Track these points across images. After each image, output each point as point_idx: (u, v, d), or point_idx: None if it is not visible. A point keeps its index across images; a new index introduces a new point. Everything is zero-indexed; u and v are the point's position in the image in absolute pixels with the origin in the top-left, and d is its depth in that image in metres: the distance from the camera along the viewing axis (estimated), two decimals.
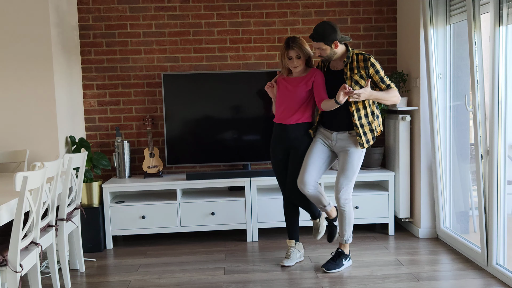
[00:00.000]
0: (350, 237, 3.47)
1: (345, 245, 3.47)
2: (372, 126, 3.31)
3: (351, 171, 3.32)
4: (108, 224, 4.08)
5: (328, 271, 3.37)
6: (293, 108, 3.41)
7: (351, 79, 3.23)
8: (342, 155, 3.34)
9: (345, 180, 3.33)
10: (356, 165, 3.32)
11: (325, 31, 3.17)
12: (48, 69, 3.68)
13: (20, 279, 2.41)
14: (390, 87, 3.28)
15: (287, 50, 3.33)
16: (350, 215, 3.42)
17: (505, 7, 2.96)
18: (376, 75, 3.24)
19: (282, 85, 3.47)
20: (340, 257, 3.44)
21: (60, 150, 3.77)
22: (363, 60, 3.23)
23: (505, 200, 3.14)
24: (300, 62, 3.35)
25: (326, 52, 3.22)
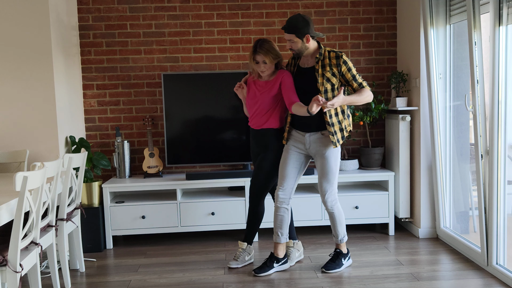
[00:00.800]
0: (345, 236, 3.45)
1: (341, 244, 3.46)
2: (342, 125, 3.27)
3: (331, 174, 3.28)
4: (108, 224, 4.08)
5: (327, 271, 3.36)
6: (260, 113, 3.37)
7: (322, 76, 3.18)
8: (319, 159, 3.29)
9: (327, 184, 3.29)
10: (335, 166, 3.29)
11: (298, 23, 3.13)
12: (48, 69, 3.68)
13: (20, 279, 2.41)
14: (362, 86, 3.23)
15: (254, 54, 3.28)
16: (340, 216, 3.39)
17: (505, 7, 2.96)
18: (348, 73, 3.20)
19: (251, 88, 3.42)
20: (339, 257, 3.43)
21: (60, 150, 3.77)
22: (335, 58, 3.18)
23: (505, 200, 3.14)
24: (267, 67, 3.29)
25: (297, 45, 3.17)
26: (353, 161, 4.40)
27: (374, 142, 4.63)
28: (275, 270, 3.41)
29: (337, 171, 3.32)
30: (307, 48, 3.20)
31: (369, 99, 3.25)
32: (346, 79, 3.21)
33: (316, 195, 4.18)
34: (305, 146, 3.32)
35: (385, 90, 4.61)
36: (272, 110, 3.37)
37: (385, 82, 4.61)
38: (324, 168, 3.29)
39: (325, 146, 3.26)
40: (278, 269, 3.42)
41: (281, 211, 3.36)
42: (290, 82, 3.29)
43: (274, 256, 3.41)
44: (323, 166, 3.28)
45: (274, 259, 3.41)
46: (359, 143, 4.65)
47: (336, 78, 3.19)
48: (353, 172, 4.32)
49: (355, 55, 4.56)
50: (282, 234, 3.39)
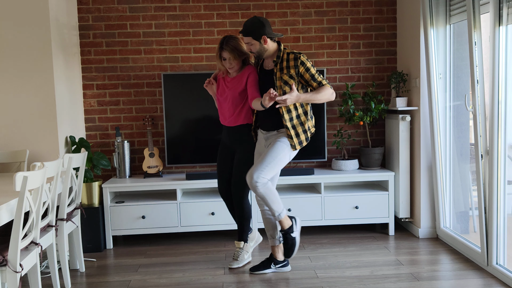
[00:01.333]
0: (283, 210, 3.21)
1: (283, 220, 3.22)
2: (305, 127, 3.24)
3: (270, 156, 3.14)
4: (108, 224, 4.08)
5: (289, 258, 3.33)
6: (230, 110, 3.37)
7: (280, 79, 3.16)
8: (270, 144, 3.25)
9: (260, 164, 3.12)
10: (279, 154, 3.15)
11: (253, 25, 3.13)
12: (48, 69, 3.68)
13: (20, 279, 2.41)
14: (322, 85, 3.19)
15: (220, 51, 3.27)
16: (268, 192, 3.14)
17: (505, 7, 2.96)
18: (306, 73, 3.16)
19: (221, 84, 3.42)
20: (288, 237, 3.27)
21: (60, 150, 3.76)
22: (293, 59, 3.16)
23: (505, 200, 3.14)
24: (235, 63, 3.29)
25: (256, 47, 3.17)
26: (353, 161, 4.40)
27: (374, 142, 4.63)
28: (272, 271, 3.41)
29: (278, 162, 3.15)
30: (267, 49, 3.18)
31: (329, 97, 3.19)
32: (305, 80, 3.18)
33: (317, 195, 4.18)
34: (266, 143, 3.32)
35: (385, 90, 4.62)
36: (243, 106, 3.36)
37: (385, 82, 4.61)
38: (267, 150, 3.19)
39: (278, 137, 3.23)
40: (275, 270, 3.42)
41: (266, 214, 3.36)
42: (255, 78, 3.29)
43: (273, 258, 3.42)
44: (269, 149, 3.19)
45: (273, 261, 3.41)
46: (359, 143, 4.65)
47: (294, 81, 3.15)
48: (353, 172, 4.32)
49: (355, 55, 4.57)
50: (274, 237, 3.39)
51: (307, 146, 4.35)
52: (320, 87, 3.18)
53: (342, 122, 4.60)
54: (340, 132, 4.43)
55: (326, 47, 4.55)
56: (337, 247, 3.94)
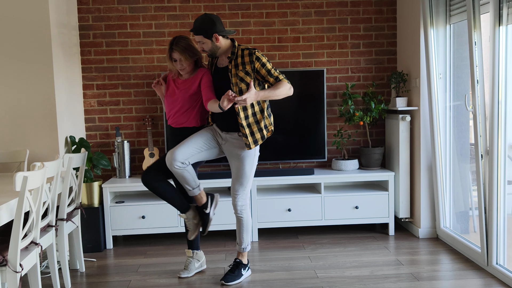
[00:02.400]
0: (248, 245, 3.33)
1: (243, 253, 3.33)
2: (261, 125, 3.14)
3: (245, 177, 3.18)
4: (108, 224, 4.08)
5: (227, 283, 3.20)
6: (179, 112, 3.26)
7: (236, 76, 3.06)
8: (234, 161, 3.19)
9: (240, 186, 3.19)
10: (249, 169, 3.18)
11: (203, 23, 3.02)
12: (48, 69, 3.67)
13: (20, 279, 2.41)
14: (279, 79, 3.08)
15: (170, 52, 3.17)
16: (247, 222, 3.28)
17: (505, 7, 2.96)
18: (262, 69, 3.06)
19: (171, 86, 3.30)
20: (239, 268, 3.29)
21: (60, 150, 3.76)
22: (248, 55, 3.06)
23: (505, 200, 3.14)
24: (186, 65, 3.18)
25: (208, 46, 3.06)
26: (353, 161, 4.40)
27: (374, 142, 4.63)
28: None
29: (251, 175, 3.21)
30: (219, 47, 3.08)
31: (287, 92, 3.09)
32: (261, 75, 3.07)
33: (317, 195, 4.19)
34: (221, 140, 3.21)
35: (385, 90, 4.62)
36: (192, 109, 3.25)
37: (385, 82, 4.61)
38: (238, 170, 3.18)
39: (241, 147, 3.15)
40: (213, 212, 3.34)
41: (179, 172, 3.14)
42: (209, 80, 3.19)
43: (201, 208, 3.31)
44: (238, 168, 3.18)
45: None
46: (359, 143, 4.65)
47: (250, 77, 3.05)
48: (353, 172, 4.32)
49: (355, 55, 4.56)
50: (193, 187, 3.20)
51: (307, 146, 4.37)
52: (277, 83, 3.07)
53: (342, 122, 4.60)
54: (340, 132, 4.43)
55: (326, 47, 4.55)
56: (337, 247, 3.94)
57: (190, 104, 3.25)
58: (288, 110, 4.35)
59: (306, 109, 4.33)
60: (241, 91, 3.06)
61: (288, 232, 4.43)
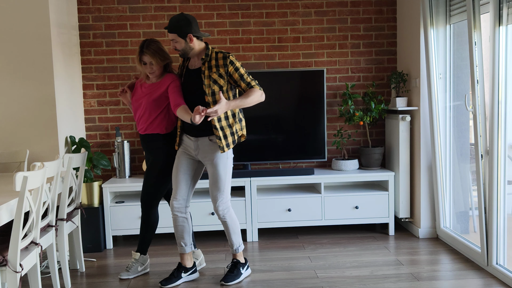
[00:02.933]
0: (240, 245, 3.30)
1: (238, 254, 3.31)
2: (233, 129, 3.14)
3: (220, 181, 3.14)
4: (108, 224, 4.08)
5: (226, 283, 3.20)
6: (145, 117, 3.22)
7: (209, 77, 3.05)
8: (209, 166, 3.16)
9: (218, 192, 3.16)
10: (224, 173, 3.15)
11: (179, 22, 3.01)
12: (48, 69, 3.67)
13: (20, 279, 2.41)
14: (251, 86, 3.06)
15: (140, 55, 3.15)
16: (233, 224, 3.24)
17: (505, 7, 2.96)
18: (235, 73, 3.06)
19: (137, 91, 3.28)
20: (237, 267, 3.28)
21: (60, 150, 3.76)
22: (222, 58, 3.06)
23: (505, 200, 3.14)
24: (156, 68, 3.17)
25: (181, 45, 3.04)
26: (353, 161, 4.40)
27: (374, 142, 4.63)
28: (183, 281, 3.29)
29: (228, 177, 3.18)
30: (192, 48, 3.06)
31: (258, 99, 3.08)
32: (234, 80, 3.07)
33: (317, 195, 4.19)
34: (194, 152, 3.18)
35: (385, 90, 4.62)
36: (157, 114, 3.21)
37: (385, 82, 4.61)
38: (214, 176, 3.15)
39: (214, 152, 3.12)
40: (186, 279, 3.30)
41: (179, 221, 3.24)
42: (178, 86, 3.17)
43: (182, 266, 3.30)
44: (213, 173, 3.15)
45: (182, 269, 3.29)
46: (359, 143, 4.65)
47: (224, 80, 3.06)
48: (353, 172, 4.32)
49: (355, 55, 4.57)
50: (186, 244, 3.28)
51: (307, 146, 4.37)
52: (249, 90, 3.06)
53: (342, 122, 4.60)
54: (340, 132, 4.43)
55: (326, 47, 4.55)
56: (337, 247, 3.95)
57: (155, 109, 3.20)
58: (288, 110, 4.35)
59: (306, 109, 4.33)
60: (214, 93, 3.06)
61: (288, 232, 4.43)
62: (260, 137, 4.34)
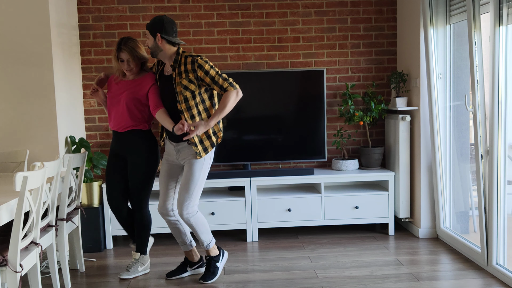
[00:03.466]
0: (211, 240, 3.27)
1: (210, 249, 3.29)
2: (210, 132, 3.11)
3: (192, 183, 3.10)
4: (108, 224, 4.08)
5: (205, 282, 3.23)
6: (124, 113, 3.21)
7: (180, 84, 3.03)
8: (186, 167, 3.15)
9: (186, 194, 3.10)
10: (198, 176, 3.11)
11: (154, 20, 3.04)
12: (48, 69, 3.67)
13: (20, 279, 2.40)
14: (224, 90, 3.01)
15: (118, 52, 3.16)
16: (198, 223, 3.18)
17: (505, 7, 2.96)
18: (206, 77, 3.01)
19: (113, 88, 3.27)
20: (212, 264, 3.29)
21: (60, 150, 3.76)
22: (190, 63, 3.02)
23: (505, 200, 3.14)
24: (133, 65, 3.18)
25: (150, 42, 3.04)
26: (353, 161, 4.40)
27: (374, 142, 4.63)
28: (189, 274, 3.40)
29: (200, 182, 3.13)
30: (161, 50, 3.04)
31: (235, 100, 3.03)
32: (206, 83, 3.04)
33: (317, 195, 4.19)
34: (176, 156, 3.20)
35: (385, 90, 4.62)
36: (139, 111, 3.21)
37: (385, 82, 4.61)
38: (187, 176, 3.12)
39: (192, 154, 3.12)
40: (192, 273, 3.41)
41: (171, 224, 3.29)
42: (157, 87, 3.18)
43: (188, 261, 3.41)
44: (187, 173, 3.12)
45: (188, 263, 3.40)
46: (359, 143, 4.65)
47: (195, 85, 3.03)
48: (353, 172, 4.32)
49: (355, 55, 4.57)
50: (185, 243, 3.34)
51: (307, 146, 4.37)
52: (223, 97, 3.02)
53: (342, 122, 4.60)
54: (340, 132, 4.43)
55: (326, 47, 4.55)
56: (337, 247, 3.95)
57: (136, 106, 3.20)
58: (288, 110, 4.35)
59: (306, 109, 4.33)
60: (186, 99, 3.04)
61: (288, 232, 4.43)
62: (260, 137, 4.34)
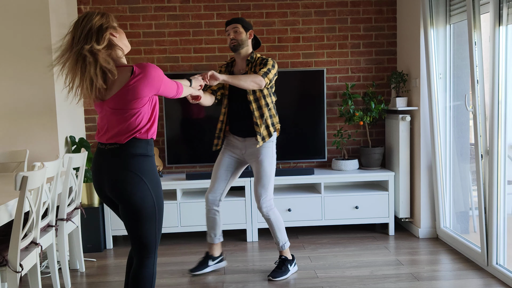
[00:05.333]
0: (286, 242, 3.37)
1: (285, 251, 3.38)
2: (268, 122, 3.27)
3: (266, 178, 3.26)
4: (108, 224, 4.08)
5: (274, 279, 3.27)
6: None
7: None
8: (254, 164, 3.29)
9: (262, 188, 3.26)
10: (269, 171, 3.27)
11: (243, 19, 3.26)
12: (48, 69, 3.67)
13: (20, 279, 2.40)
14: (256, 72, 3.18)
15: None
16: (277, 221, 3.32)
17: (505, 7, 2.96)
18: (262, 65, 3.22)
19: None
20: (285, 264, 3.34)
21: (60, 150, 3.76)
22: (260, 61, 3.24)
23: (505, 200, 3.14)
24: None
25: (241, 36, 3.21)
26: (353, 161, 4.40)
27: (374, 142, 4.63)
28: (211, 269, 3.45)
29: (272, 176, 3.29)
30: (247, 45, 3.26)
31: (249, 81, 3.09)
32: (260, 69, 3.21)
33: (317, 195, 4.19)
34: (241, 151, 3.34)
35: (385, 90, 4.62)
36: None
37: (385, 82, 4.61)
38: (258, 173, 3.27)
39: (260, 150, 3.27)
40: (214, 268, 3.46)
41: (212, 213, 3.40)
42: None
43: (209, 255, 3.46)
44: (258, 170, 3.27)
45: (210, 258, 3.45)
46: (359, 143, 4.65)
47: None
48: (353, 172, 4.32)
49: (355, 55, 4.57)
50: (216, 235, 3.44)
51: (307, 146, 4.37)
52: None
53: (342, 122, 4.60)
54: (340, 132, 4.43)
55: (326, 47, 4.55)
56: (337, 247, 3.95)
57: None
58: (288, 110, 4.35)
59: (306, 109, 4.33)
60: (256, 99, 3.23)
61: (288, 232, 4.41)
62: None
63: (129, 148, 2.20)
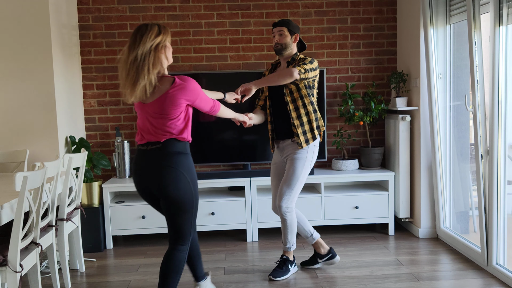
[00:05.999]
0: (293, 244, 3.37)
1: (289, 252, 3.39)
2: (313, 125, 3.25)
3: (294, 178, 3.23)
4: (108, 224, 4.08)
5: (275, 278, 3.27)
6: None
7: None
8: (288, 162, 3.29)
9: (287, 188, 3.23)
10: (300, 172, 3.23)
11: (291, 22, 3.24)
12: (48, 69, 3.67)
13: (20, 279, 2.41)
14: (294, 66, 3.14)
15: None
16: (292, 224, 3.30)
17: (505, 7, 2.96)
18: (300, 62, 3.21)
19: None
20: (286, 264, 3.35)
21: (60, 150, 3.77)
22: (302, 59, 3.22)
23: (505, 200, 3.14)
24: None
25: (286, 39, 3.21)
26: (353, 161, 4.40)
27: (374, 142, 4.63)
28: (319, 266, 3.49)
29: (301, 179, 3.25)
30: (291, 48, 3.25)
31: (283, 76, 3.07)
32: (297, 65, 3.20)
33: (317, 195, 4.19)
34: (281, 153, 3.36)
35: (385, 90, 4.62)
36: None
37: (385, 82, 4.61)
38: (288, 171, 3.25)
39: (295, 149, 3.26)
40: (322, 265, 3.50)
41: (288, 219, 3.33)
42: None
43: (316, 253, 3.48)
44: (288, 168, 3.26)
45: (317, 255, 3.47)
46: (359, 143, 4.65)
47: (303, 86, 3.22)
48: (353, 172, 4.32)
49: (355, 55, 4.57)
50: (306, 236, 3.44)
51: None
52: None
53: (342, 122, 4.60)
54: (340, 132, 4.43)
55: (326, 47, 4.55)
56: (337, 247, 3.95)
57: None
58: None
59: None
60: (291, 92, 3.21)
61: None
62: (260, 137, 4.34)
63: (169, 148, 2.51)
